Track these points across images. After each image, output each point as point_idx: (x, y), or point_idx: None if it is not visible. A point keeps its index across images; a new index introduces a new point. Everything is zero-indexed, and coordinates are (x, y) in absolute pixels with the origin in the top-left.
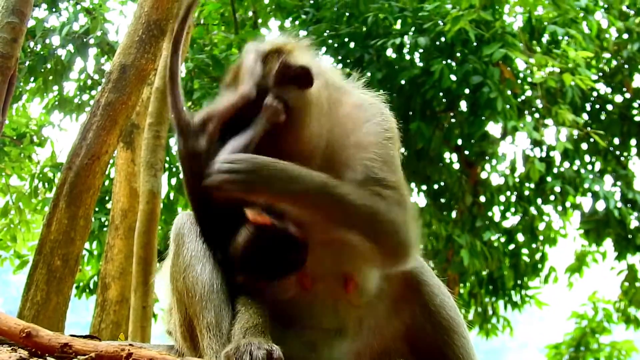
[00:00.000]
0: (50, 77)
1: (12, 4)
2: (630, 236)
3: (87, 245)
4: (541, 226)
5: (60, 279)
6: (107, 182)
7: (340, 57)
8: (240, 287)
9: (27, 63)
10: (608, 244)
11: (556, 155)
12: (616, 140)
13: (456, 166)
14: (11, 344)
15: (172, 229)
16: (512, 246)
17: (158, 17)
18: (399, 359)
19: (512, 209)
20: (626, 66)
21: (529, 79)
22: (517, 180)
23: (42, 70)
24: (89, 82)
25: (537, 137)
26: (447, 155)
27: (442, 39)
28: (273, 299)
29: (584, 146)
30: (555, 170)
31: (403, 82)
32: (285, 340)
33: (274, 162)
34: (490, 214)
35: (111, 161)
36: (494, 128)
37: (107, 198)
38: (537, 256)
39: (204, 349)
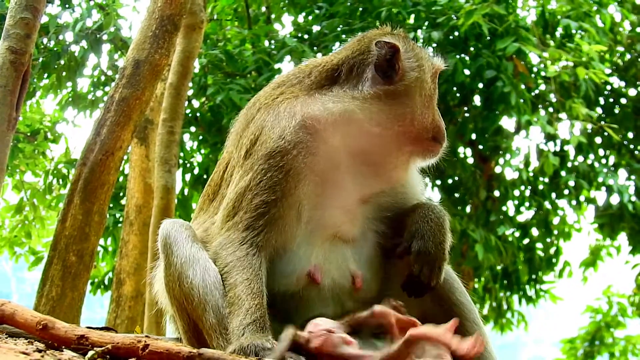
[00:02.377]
0: (64, 73)
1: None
2: None
3: (101, 241)
4: (555, 220)
5: (75, 274)
6: (121, 178)
7: None
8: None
9: (41, 59)
10: (622, 238)
11: (570, 149)
12: (630, 134)
13: (470, 161)
14: (28, 337)
15: (159, 239)
16: (526, 240)
17: (171, 12)
18: None
19: (527, 204)
20: None
21: (543, 73)
22: (531, 174)
23: (56, 66)
24: (103, 78)
25: (551, 131)
26: (461, 149)
27: (456, 33)
28: (279, 290)
29: (598, 140)
30: (569, 165)
31: None
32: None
33: None
34: (504, 208)
35: (125, 157)
36: (507, 122)
37: (121, 194)
38: (552, 250)
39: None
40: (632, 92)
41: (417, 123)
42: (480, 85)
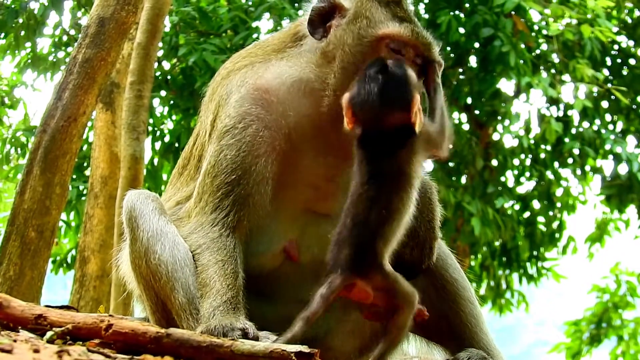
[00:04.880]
0: (22, 33)
1: None
2: None
3: (64, 216)
4: (558, 192)
5: (35, 252)
6: (85, 147)
7: None
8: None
9: None
10: (631, 210)
11: (574, 114)
12: (639, 98)
13: (466, 127)
14: None
15: (123, 212)
16: (527, 214)
17: None
18: None
19: (527, 174)
20: None
21: (544, 31)
22: (532, 141)
23: (14, 25)
24: (65, 37)
25: (554, 95)
26: (455, 115)
27: None
28: (254, 269)
29: (605, 104)
30: (573, 131)
31: None
32: (262, 313)
33: None
34: (503, 179)
35: (89, 124)
36: (506, 85)
37: (85, 164)
38: (555, 225)
39: None
40: None
41: (337, 94)
42: (477, 45)
